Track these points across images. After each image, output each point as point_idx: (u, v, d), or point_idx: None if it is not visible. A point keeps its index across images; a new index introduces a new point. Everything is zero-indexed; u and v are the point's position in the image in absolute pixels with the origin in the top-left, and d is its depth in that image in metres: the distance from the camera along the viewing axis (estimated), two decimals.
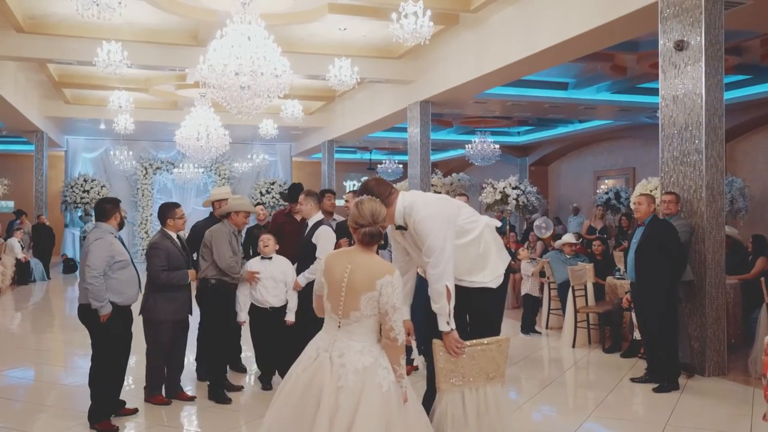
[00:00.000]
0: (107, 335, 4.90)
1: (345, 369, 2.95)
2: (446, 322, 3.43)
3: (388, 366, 3.04)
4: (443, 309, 3.45)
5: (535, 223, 12.19)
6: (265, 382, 5.91)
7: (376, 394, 2.95)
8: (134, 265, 5.12)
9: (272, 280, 5.76)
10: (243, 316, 5.79)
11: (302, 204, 5.99)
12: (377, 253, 3.22)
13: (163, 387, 5.49)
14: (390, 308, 3.02)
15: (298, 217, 6.66)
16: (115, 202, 5.14)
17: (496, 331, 3.70)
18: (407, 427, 3.01)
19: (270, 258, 5.82)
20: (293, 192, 6.79)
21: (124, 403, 5.19)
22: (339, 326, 3.07)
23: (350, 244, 6.29)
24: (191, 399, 5.57)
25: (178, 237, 5.61)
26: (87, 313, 4.87)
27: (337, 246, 5.68)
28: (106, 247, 4.86)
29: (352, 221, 3.15)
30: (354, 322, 3.05)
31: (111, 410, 4.98)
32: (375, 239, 3.12)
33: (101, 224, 5.01)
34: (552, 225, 11.32)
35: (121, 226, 5.12)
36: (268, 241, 5.86)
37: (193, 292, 5.70)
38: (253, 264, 5.82)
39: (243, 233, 6.28)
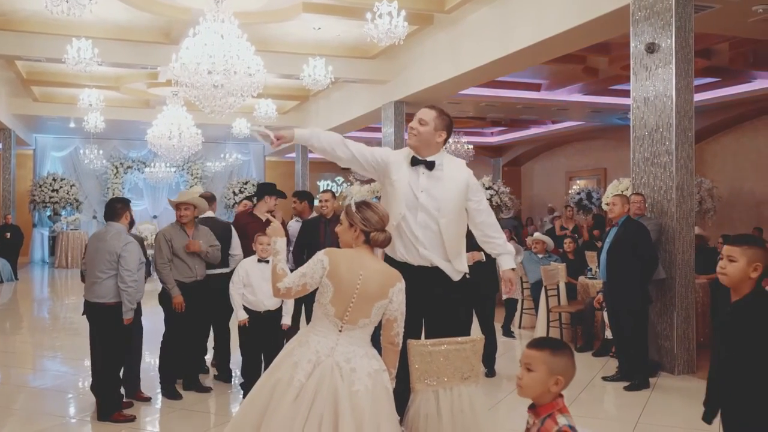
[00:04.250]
0: (119, 331, 4.93)
1: (357, 373, 2.90)
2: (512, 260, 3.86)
3: (387, 369, 3.07)
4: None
5: None
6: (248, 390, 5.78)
7: (386, 396, 2.98)
8: None
9: (268, 282, 5.46)
10: (242, 314, 5.36)
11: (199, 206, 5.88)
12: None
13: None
14: (399, 315, 3.06)
15: (263, 217, 6.57)
16: (125, 202, 5.24)
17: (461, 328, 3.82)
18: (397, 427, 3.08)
19: (267, 261, 5.36)
20: (262, 190, 6.71)
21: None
22: (340, 330, 2.99)
23: (306, 242, 6.14)
24: (148, 399, 5.53)
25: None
26: (99, 312, 4.91)
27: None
28: (137, 250, 4.97)
29: (363, 223, 3.05)
30: (359, 328, 3.01)
31: (119, 404, 5.09)
32: (388, 243, 3.17)
33: (113, 224, 5.05)
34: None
35: (131, 225, 5.20)
36: (266, 242, 5.39)
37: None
38: (249, 266, 5.47)
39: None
